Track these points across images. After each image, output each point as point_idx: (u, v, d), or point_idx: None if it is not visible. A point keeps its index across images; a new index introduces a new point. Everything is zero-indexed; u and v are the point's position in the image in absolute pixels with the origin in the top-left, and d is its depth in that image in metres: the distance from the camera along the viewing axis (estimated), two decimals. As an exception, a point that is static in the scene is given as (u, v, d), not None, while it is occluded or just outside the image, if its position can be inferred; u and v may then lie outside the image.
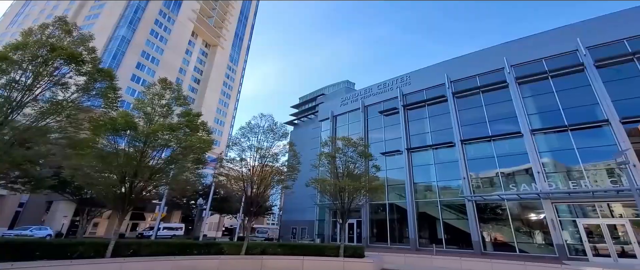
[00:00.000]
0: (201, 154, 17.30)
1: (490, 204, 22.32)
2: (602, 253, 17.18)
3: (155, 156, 14.94)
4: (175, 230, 36.08)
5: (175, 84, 17.37)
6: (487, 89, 25.84)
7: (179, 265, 13.56)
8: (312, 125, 42.62)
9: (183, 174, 16.76)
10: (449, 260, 16.88)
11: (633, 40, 21.42)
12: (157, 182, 15.50)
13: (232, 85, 76.76)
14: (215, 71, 70.65)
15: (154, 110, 15.25)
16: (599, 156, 19.78)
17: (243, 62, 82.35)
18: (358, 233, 27.75)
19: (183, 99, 16.77)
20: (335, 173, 19.68)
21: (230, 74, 77.19)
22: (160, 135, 14.40)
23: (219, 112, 70.41)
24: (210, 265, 14.25)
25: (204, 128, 17.85)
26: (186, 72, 64.21)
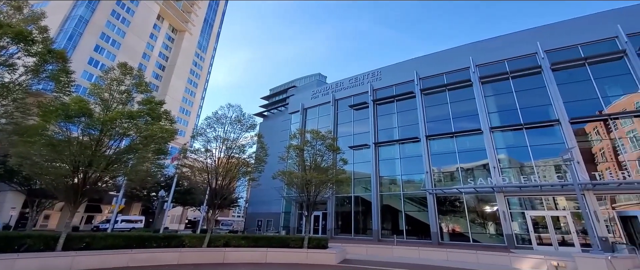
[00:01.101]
0: (163, 144, 17.13)
1: (449, 197, 24.00)
2: (545, 242, 19.29)
3: (112, 145, 14.65)
4: (135, 223, 35.27)
5: (137, 69, 16.92)
6: (453, 87, 27.45)
7: (136, 259, 13.50)
8: (282, 117, 42.93)
9: (143, 164, 16.55)
10: (408, 251, 18.17)
11: (586, 46, 23.70)
12: (114, 172, 15.20)
13: (199, 73, 74.52)
14: (182, 58, 68.19)
15: (112, 97, 14.88)
16: (548, 153, 21.87)
17: (212, 49, 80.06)
18: (323, 225, 28.76)
19: (145, 86, 16.43)
20: (303, 166, 20.25)
21: (198, 62, 74.86)
22: (119, 123, 14.14)
23: (185, 101, 68.33)
24: (170, 258, 14.28)
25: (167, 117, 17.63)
26: (150, 58, 61.55)
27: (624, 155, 20.03)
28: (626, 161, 19.78)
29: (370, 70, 33.38)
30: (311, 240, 16.83)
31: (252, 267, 14.25)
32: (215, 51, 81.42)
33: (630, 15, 22.75)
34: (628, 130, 20.64)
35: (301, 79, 53.06)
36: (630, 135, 20.43)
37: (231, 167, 19.82)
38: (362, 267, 14.89)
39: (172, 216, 56.72)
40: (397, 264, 15.52)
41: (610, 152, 20.58)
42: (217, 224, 50.45)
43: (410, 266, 15.09)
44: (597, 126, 21.60)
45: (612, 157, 20.36)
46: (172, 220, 56.14)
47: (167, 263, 14.01)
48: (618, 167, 19.70)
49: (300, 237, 17.29)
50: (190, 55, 71.55)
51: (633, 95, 21.00)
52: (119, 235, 14.97)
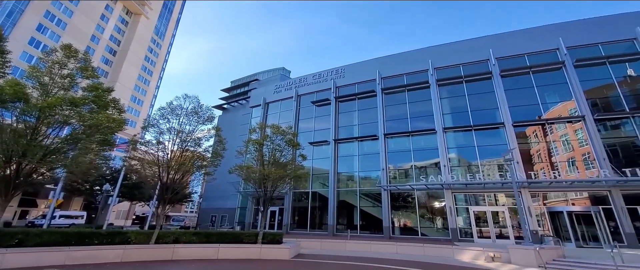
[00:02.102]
0: (110, 134, 16.51)
1: (402, 193, 25.56)
2: (485, 235, 21.42)
3: (51, 134, 13.91)
4: (75, 219, 33.22)
5: (84, 52, 16.07)
6: (412, 87, 29.10)
7: (74, 257, 12.95)
8: (243, 111, 42.59)
9: (86, 156, 15.84)
10: (361, 245, 19.26)
11: (531, 56, 26.31)
12: (52, 164, 14.44)
13: (155, 60, 70.64)
14: (136, 43, 64.31)
15: (53, 81, 14.04)
16: (493, 153, 24.10)
17: (171, 36, 76.28)
18: (279, 220, 29.24)
19: (91, 71, 15.64)
20: (262, 160, 20.47)
21: (154, 48, 70.99)
22: (59, 110, 13.45)
23: (138, 90, 64.63)
24: (113, 256, 13.81)
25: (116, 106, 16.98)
26: (100, 41, 57.53)
27: (556, 157, 22.72)
28: (558, 162, 22.47)
29: (334, 67, 34.35)
30: (266, 236, 17.17)
31: (202, 263, 14.27)
32: (173, 38, 77.73)
33: (571, 30, 25.69)
34: (561, 134, 23.39)
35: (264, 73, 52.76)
36: (562, 139, 23.18)
37: (185, 161, 19.56)
38: (314, 261, 15.56)
39: (118, 212, 54.30)
40: (348, 258, 16.44)
41: (545, 154, 23.22)
42: (167, 220, 48.96)
43: (360, 259, 16.04)
44: (536, 130, 24.20)
45: (547, 158, 22.99)
46: (117, 216, 53.65)
47: (109, 261, 13.54)
48: (551, 168, 22.33)
49: (254, 232, 17.55)
50: (145, 40, 67.70)
51: (567, 103, 23.78)
52: (56, 231, 14.24)
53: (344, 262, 15.04)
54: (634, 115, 21.61)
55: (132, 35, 64.35)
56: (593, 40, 24.89)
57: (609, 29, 24.78)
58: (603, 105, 22.98)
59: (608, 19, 25.66)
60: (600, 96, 23.32)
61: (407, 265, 14.57)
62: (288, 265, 14.16)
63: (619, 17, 25.43)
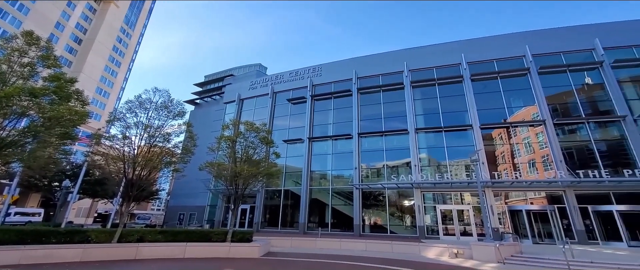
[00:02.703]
0: (71, 127, 15.95)
1: (374, 192, 26.28)
2: (450, 232, 22.51)
3: (7, 126, 13.29)
4: (32, 217, 31.69)
5: (46, 40, 15.40)
6: (387, 88, 29.88)
7: (29, 256, 12.43)
8: (216, 106, 42.04)
9: (44, 150, 15.25)
10: (331, 242, 19.70)
11: (500, 62, 27.72)
12: (8, 158, 13.82)
13: (124, 51, 67.63)
14: (104, 32, 61.37)
15: (12, 70, 13.43)
16: (461, 154, 25.24)
17: (142, 27, 73.38)
18: (250, 218, 29.19)
19: (54, 60, 15.06)
20: (234, 158, 20.39)
21: (124, 39, 67.98)
22: (17, 101, 12.87)
23: (104, 81, 61.70)
24: (72, 255, 13.32)
25: (79, 97, 16.40)
26: (65, 28, 54.61)
27: (518, 158, 24.18)
28: (519, 163, 23.94)
29: (311, 65, 34.60)
30: (235, 234, 17.17)
31: (167, 263, 14.08)
32: (145, 29, 74.82)
33: (536, 38, 27.28)
34: (524, 137, 24.88)
35: (240, 68, 51.97)
36: (525, 142, 24.67)
37: (153, 157, 19.17)
38: (283, 259, 15.77)
39: (79, 209, 52.15)
40: (318, 255, 16.77)
41: (509, 156, 24.64)
42: (132, 218, 47.50)
43: (329, 257, 16.42)
44: (501, 132, 25.60)
45: (510, 159, 24.41)
46: (77, 214, 51.59)
47: (67, 260, 13.07)
48: (513, 168, 23.74)
49: (223, 230, 17.50)
50: (114, 30, 64.73)
51: (530, 108, 25.30)
52: (10, 229, 13.66)
53: (312, 260, 15.36)
54: (589, 121, 23.38)
55: (100, 24, 61.46)
56: (556, 49, 26.56)
57: (571, 39, 26.56)
58: (562, 111, 24.65)
59: (570, 29, 27.49)
60: (560, 102, 25.00)
61: (374, 262, 15.05)
62: (256, 264, 14.25)
63: (580, 28, 27.30)
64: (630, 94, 23.79)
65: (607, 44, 25.17)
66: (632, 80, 24.34)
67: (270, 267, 13.77)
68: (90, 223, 48.72)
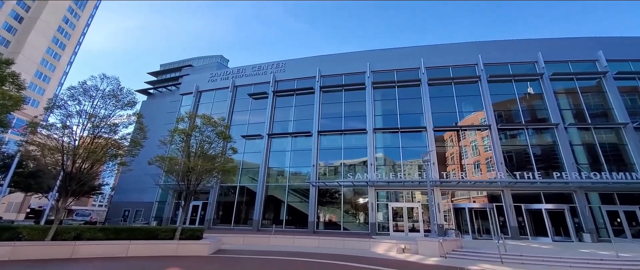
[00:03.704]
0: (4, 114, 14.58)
1: (330, 189, 26.82)
2: (400, 229, 23.67)
3: None
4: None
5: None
6: (349, 88, 30.51)
7: (-55, 253, 11.38)
8: (171, 98, 40.54)
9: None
10: (285, 239, 19.83)
11: (455, 68, 29.37)
12: None
13: (71, 33, 62.02)
14: (49, 11, 55.89)
15: None
16: (415, 155, 26.44)
17: (93, 7, 67.80)
18: (202, 215, 28.48)
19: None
20: (188, 152, 19.76)
21: (72, 19, 62.30)
22: None
23: (45, 65, 56.15)
24: (-2, 253, 12.42)
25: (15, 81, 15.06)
26: (4, 4, 49.25)
27: (465, 160, 25.92)
28: (466, 164, 25.70)
29: (275, 60, 34.30)
30: (185, 231, 16.70)
31: (107, 262, 13.39)
32: (96, 10, 68.96)
33: (488, 48, 29.37)
34: (471, 140, 26.66)
35: (200, 59, 49.93)
36: (472, 145, 26.45)
37: (96, 149, 18.05)
38: (233, 256, 15.62)
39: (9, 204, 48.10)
40: (269, 252, 16.82)
41: (457, 157, 26.30)
42: (70, 214, 44.66)
43: (281, 253, 16.55)
44: (452, 135, 27.22)
45: (458, 160, 26.06)
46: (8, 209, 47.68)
47: (-8, 258, 12.13)
48: (460, 169, 25.42)
49: (172, 228, 16.94)
50: (61, 9, 59.09)
51: (479, 113, 27.13)
52: None
53: (263, 257, 15.39)
54: (528, 127, 25.67)
55: (45, 2, 55.98)
56: (505, 59, 28.77)
57: (518, 51, 28.92)
58: (506, 117, 26.76)
59: (518, 42, 29.88)
60: (505, 109, 27.12)
61: (325, 258, 15.43)
62: (205, 262, 13.99)
63: (526, 41, 29.76)
64: (564, 105, 26.45)
65: (548, 58, 27.75)
66: (566, 92, 27.05)
67: (219, 265, 13.57)
68: (22, 219, 44.75)
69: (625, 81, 26.61)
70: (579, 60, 27.89)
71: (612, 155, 23.94)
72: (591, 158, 24.01)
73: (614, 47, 27.61)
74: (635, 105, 25.72)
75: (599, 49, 27.41)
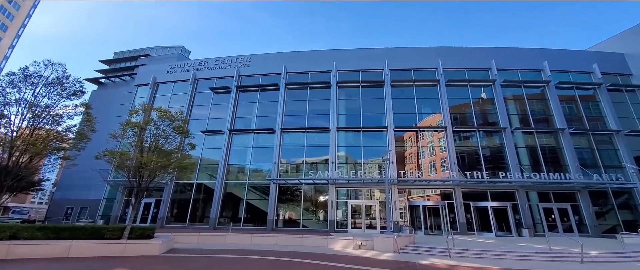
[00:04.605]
0: None
1: (291, 187, 26.97)
2: (357, 226, 24.43)
3: None
4: None
5: None
6: (314, 86, 30.76)
7: None
8: (125, 88, 38.48)
9: None
10: (242, 237, 19.68)
11: (417, 71, 30.58)
12: None
13: (14, 14, 56.01)
14: (-11, -13, 50.78)
15: None
16: (376, 154, 27.26)
17: (41, -14, 62.15)
18: (155, 213, 27.40)
19: None
20: (141, 147, 18.91)
21: (15, -2, 56.83)
22: None
23: (-18, 48, 51.24)
24: None
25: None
26: None
27: (422, 160, 27.23)
28: (423, 164, 27.00)
29: (240, 54, 33.62)
30: (134, 230, 16.03)
31: (46, 263, 12.58)
32: (46, -10, 63.57)
33: (448, 53, 30.88)
34: (429, 141, 28.01)
35: (159, 48, 47.39)
36: (429, 145, 27.81)
37: (36, 141, 16.82)
38: (186, 255, 15.27)
39: None
40: (225, 251, 16.59)
41: (415, 157, 27.53)
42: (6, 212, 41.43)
43: (236, 252, 16.40)
44: (411, 135, 28.42)
45: (415, 160, 27.30)
46: None
47: None
48: (417, 168, 26.64)
49: (120, 226, 16.19)
50: (3, -14, 53.72)
51: (436, 115, 28.54)
52: None
53: (217, 256, 15.18)
54: (479, 130, 27.47)
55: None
56: (462, 65, 30.47)
57: (475, 58, 30.77)
58: (460, 120, 28.43)
59: (474, 50, 31.73)
60: (460, 112, 28.77)
61: (282, 255, 15.55)
62: (155, 262, 13.55)
63: (481, 49, 31.69)
64: (512, 110, 28.61)
65: (500, 66, 29.81)
66: (514, 98, 29.26)
67: (170, 264, 13.22)
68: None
69: (565, 90, 29.35)
70: (527, 70, 30.24)
71: (551, 158, 26.36)
72: (533, 160, 26.27)
73: (557, 59, 30.32)
74: (572, 113, 28.50)
75: (545, 60, 29.92)
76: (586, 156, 26.46)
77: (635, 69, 30.09)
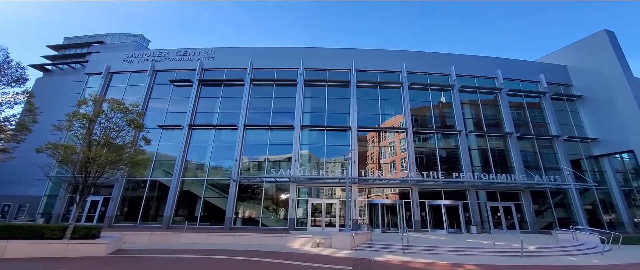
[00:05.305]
0: None
1: (252, 185, 26.67)
2: (317, 224, 24.76)
3: None
4: None
5: None
6: (280, 83, 30.58)
7: None
8: (75, 77, 35.90)
9: None
10: (197, 237, 19.19)
11: (382, 73, 31.39)
12: None
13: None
14: None
15: None
16: (339, 153, 27.70)
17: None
18: (103, 212, 25.70)
19: None
20: (89, 140, 17.80)
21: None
22: None
23: None
24: None
25: None
26: None
27: (383, 159, 28.12)
28: (384, 164, 27.90)
29: (204, 47, 32.54)
30: (78, 230, 15.10)
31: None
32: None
33: (412, 57, 32.04)
34: (390, 141, 28.95)
35: (115, 36, 44.38)
36: (390, 145, 28.75)
37: (-35, 131, 15.31)
38: (136, 256, 14.66)
39: None
40: (177, 251, 16.08)
41: (377, 156, 28.37)
42: None
43: (190, 251, 15.98)
44: (374, 136, 29.20)
45: (377, 160, 28.15)
46: None
47: None
48: (378, 168, 27.48)
49: (61, 226, 15.15)
50: None
51: (399, 117, 29.55)
52: None
53: (168, 256, 14.73)
54: (438, 132, 28.86)
55: None
56: (424, 69, 31.78)
57: (436, 63, 32.20)
58: (421, 122, 29.66)
59: (436, 55, 33.21)
60: (420, 114, 30.00)
61: (238, 254, 15.39)
62: (99, 263, 12.85)
63: (443, 55, 33.22)
64: (467, 114, 30.33)
65: (459, 72, 31.51)
66: (469, 103, 31.05)
67: (116, 266, 12.59)
68: None
69: (515, 98, 31.69)
70: (483, 77, 32.21)
71: (499, 160, 28.38)
72: (483, 161, 28.10)
73: (510, 68, 32.61)
74: (519, 118, 30.84)
75: (499, 69, 32.06)
76: (530, 159, 28.83)
77: (576, 80, 33.16)
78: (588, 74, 32.09)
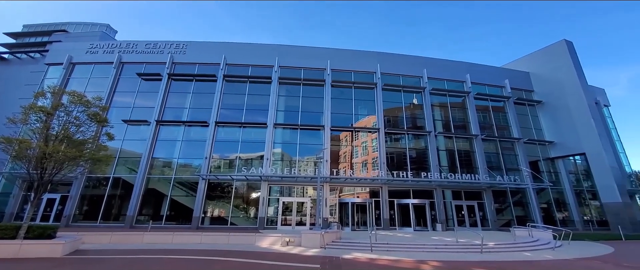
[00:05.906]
0: None
1: (222, 183, 26.26)
2: (288, 223, 24.78)
3: None
4: None
5: None
6: (254, 80, 30.22)
7: None
8: (34, 67, 33.13)
9: None
10: (162, 236, 18.60)
11: (356, 73, 31.80)
12: None
13: None
14: None
15: None
16: (312, 152, 27.87)
17: None
18: (60, 210, 24.41)
19: None
20: (46, 135, 16.81)
21: None
22: None
23: None
24: None
25: None
26: None
27: (355, 159, 28.56)
28: (355, 163, 28.35)
29: (175, 40, 31.55)
30: (32, 229, 14.27)
31: None
32: None
33: (386, 59, 32.71)
34: (363, 141, 29.44)
35: (79, 25, 41.74)
36: (363, 145, 29.24)
37: None
38: (94, 257, 14.02)
39: None
40: (140, 251, 15.50)
41: (349, 156, 28.77)
42: None
43: (153, 252, 15.43)
44: (347, 135, 29.58)
45: (349, 159, 28.55)
46: None
47: None
48: (350, 167, 27.90)
49: (14, 225, 14.26)
50: None
51: (371, 117, 30.08)
52: None
53: (129, 256, 14.20)
54: (408, 133, 29.69)
55: None
56: (398, 71, 32.55)
57: (409, 65, 33.04)
58: (393, 123, 30.39)
59: (409, 58, 34.11)
60: (392, 115, 30.72)
61: (205, 254, 15.07)
62: (53, 265, 12.16)
63: (416, 58, 34.13)
64: (437, 116, 31.45)
65: (431, 75, 32.57)
66: (439, 105, 32.16)
67: (74, 267, 11.99)
68: None
69: (481, 101, 33.18)
70: (453, 80, 33.46)
71: (465, 160, 29.65)
72: (450, 162, 29.26)
73: (477, 73, 34.08)
74: (485, 121, 32.34)
75: (467, 73, 33.41)
76: (493, 160, 30.35)
77: (537, 86, 35.22)
78: (548, 81, 34.18)
